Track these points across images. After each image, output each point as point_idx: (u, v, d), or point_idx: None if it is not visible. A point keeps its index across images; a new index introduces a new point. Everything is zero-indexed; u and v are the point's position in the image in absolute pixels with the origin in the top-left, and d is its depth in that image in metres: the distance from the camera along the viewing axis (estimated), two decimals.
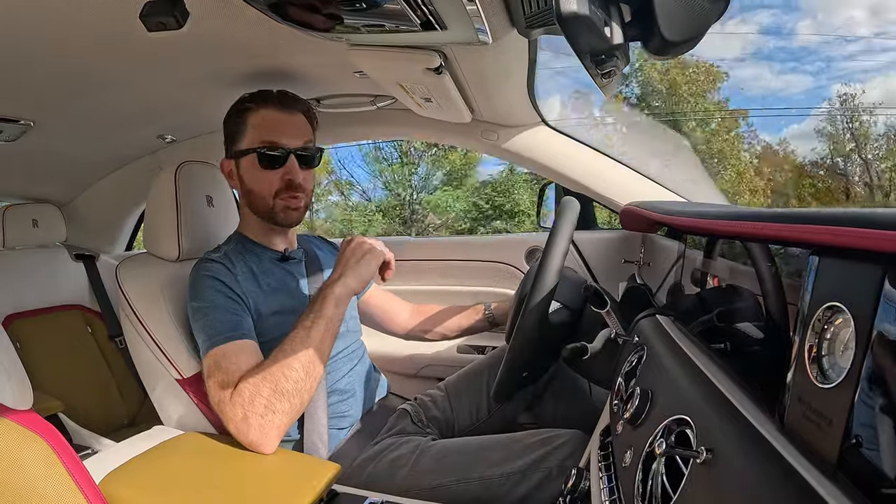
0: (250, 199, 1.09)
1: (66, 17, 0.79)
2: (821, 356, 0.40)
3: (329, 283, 0.99)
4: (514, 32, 0.80)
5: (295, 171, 1.06)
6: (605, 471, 0.67)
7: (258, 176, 1.06)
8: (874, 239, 0.35)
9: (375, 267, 1.03)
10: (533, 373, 1.08)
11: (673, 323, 0.81)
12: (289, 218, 1.09)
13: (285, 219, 1.09)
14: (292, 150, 1.06)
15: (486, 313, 1.33)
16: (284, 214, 1.08)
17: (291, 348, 0.92)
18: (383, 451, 1.03)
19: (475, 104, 1.26)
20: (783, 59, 15.58)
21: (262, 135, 1.05)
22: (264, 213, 1.09)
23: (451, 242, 1.78)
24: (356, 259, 1.01)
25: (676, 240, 1.12)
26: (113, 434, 1.67)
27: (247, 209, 1.12)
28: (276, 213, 1.08)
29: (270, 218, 1.09)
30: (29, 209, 1.83)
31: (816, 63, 15.92)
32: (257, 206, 1.09)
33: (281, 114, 1.06)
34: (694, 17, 0.54)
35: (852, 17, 14.84)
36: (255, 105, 1.06)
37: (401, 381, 1.65)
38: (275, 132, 1.05)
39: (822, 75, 16.14)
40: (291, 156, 1.06)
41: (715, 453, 0.43)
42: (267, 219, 1.10)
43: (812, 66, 15.93)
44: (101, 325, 1.89)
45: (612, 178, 1.41)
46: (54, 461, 0.56)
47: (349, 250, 1.03)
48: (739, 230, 0.59)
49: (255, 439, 0.88)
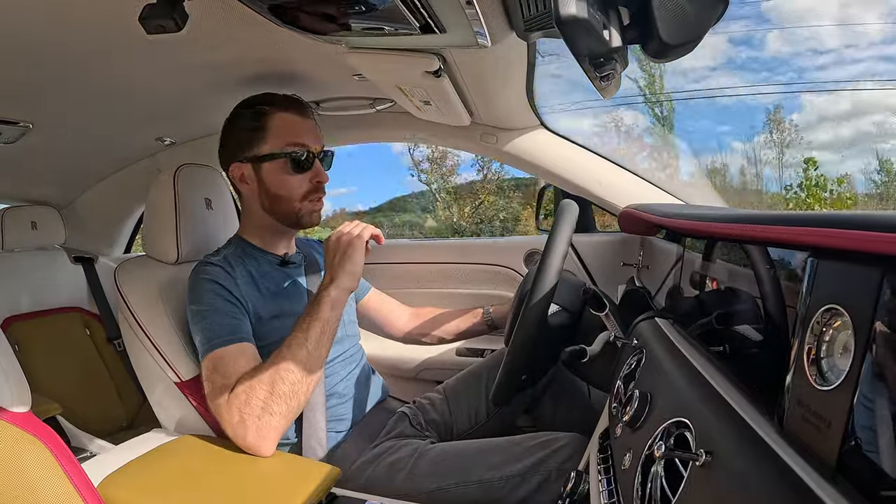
0: (274, 204, 1.08)
1: (65, 20, 0.79)
2: (820, 358, 0.40)
3: (323, 287, 0.99)
4: (513, 35, 0.80)
5: (322, 173, 1.09)
6: (605, 473, 0.67)
7: (286, 180, 1.06)
8: (872, 241, 0.35)
9: (361, 256, 1.02)
10: (532, 376, 1.08)
11: (672, 325, 0.81)
12: (313, 220, 1.11)
13: (310, 220, 1.11)
14: (317, 153, 1.08)
15: (485, 317, 1.33)
16: (310, 217, 1.10)
17: (288, 351, 0.92)
18: (382, 454, 1.03)
19: (474, 107, 1.26)
20: (755, 70, 15.80)
21: (289, 139, 1.05)
22: (289, 216, 1.09)
23: (451, 245, 1.78)
24: (340, 256, 1.01)
25: (675, 242, 1.12)
26: (111, 437, 1.66)
27: (256, 213, 1.11)
28: (302, 215, 1.09)
29: (295, 221, 1.10)
30: (28, 211, 1.82)
31: (788, 74, 16.16)
32: (282, 209, 1.08)
33: (300, 118, 1.07)
34: (692, 20, 0.54)
35: (819, 30, 15.17)
36: (271, 109, 1.05)
37: (400, 385, 1.65)
38: (301, 136, 1.06)
39: (794, 85, 16.38)
40: (317, 159, 1.08)
41: (714, 456, 0.43)
42: (290, 223, 1.10)
43: (784, 77, 16.18)
44: (99, 328, 1.89)
45: (610, 181, 1.41)
46: (52, 464, 0.56)
47: (331, 250, 1.03)
48: (738, 233, 0.59)
49: (252, 442, 0.88)
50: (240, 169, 1.09)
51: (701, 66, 14.16)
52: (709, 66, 14.61)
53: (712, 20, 0.55)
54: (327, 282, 1.00)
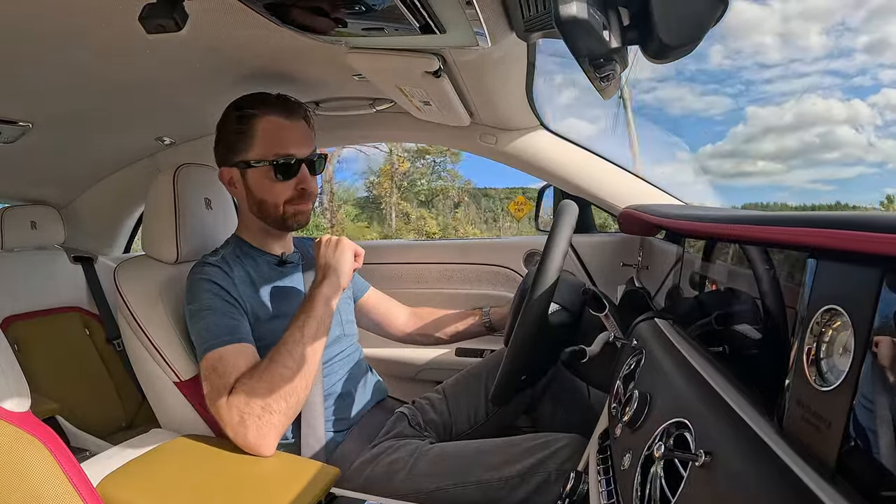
0: (260, 208, 1.09)
1: (64, 19, 0.79)
2: (819, 359, 0.40)
3: (316, 285, 1.02)
4: (513, 36, 0.80)
5: (308, 180, 1.08)
6: (604, 474, 0.67)
7: (271, 186, 1.06)
8: (872, 242, 0.35)
9: (350, 257, 1.08)
10: (532, 376, 1.07)
11: (671, 326, 0.81)
12: (299, 222, 1.11)
13: (296, 223, 1.10)
14: (303, 159, 1.07)
15: (484, 318, 1.33)
16: (295, 219, 1.10)
17: (286, 349, 0.93)
18: (381, 454, 1.03)
19: (474, 108, 1.26)
20: (704, 81, 16.05)
21: (274, 146, 1.04)
22: (274, 220, 1.09)
23: (450, 245, 1.78)
24: (331, 254, 1.05)
25: (675, 243, 1.12)
26: (110, 436, 1.66)
27: (248, 214, 1.12)
28: (286, 218, 1.09)
29: (281, 224, 1.10)
30: (27, 211, 1.82)
31: (737, 86, 16.46)
32: (267, 214, 1.09)
33: (287, 122, 1.06)
34: (692, 21, 0.54)
35: (763, 43, 15.47)
36: (258, 112, 1.05)
37: (399, 385, 1.65)
38: (286, 142, 1.05)
39: (741, 97, 16.61)
40: (303, 165, 1.07)
41: (714, 456, 0.43)
42: (277, 225, 1.10)
43: (732, 89, 16.46)
44: (99, 328, 1.89)
45: (610, 182, 1.41)
46: (52, 463, 0.56)
47: (322, 249, 1.07)
48: (738, 233, 0.59)
49: (252, 441, 0.88)
50: (229, 173, 1.09)
51: (647, 78, 14.30)
52: (656, 79, 14.73)
53: (712, 21, 0.55)
54: (320, 279, 1.03)
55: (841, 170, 18.58)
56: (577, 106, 12.66)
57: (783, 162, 15.11)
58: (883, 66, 18.57)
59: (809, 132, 15.38)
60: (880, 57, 19.37)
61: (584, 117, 13.27)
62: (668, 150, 20.37)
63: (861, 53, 18.64)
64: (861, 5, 17.10)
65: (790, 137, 14.83)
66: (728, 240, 0.71)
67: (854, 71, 18.41)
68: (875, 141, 18.73)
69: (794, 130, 15.48)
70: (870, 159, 20.94)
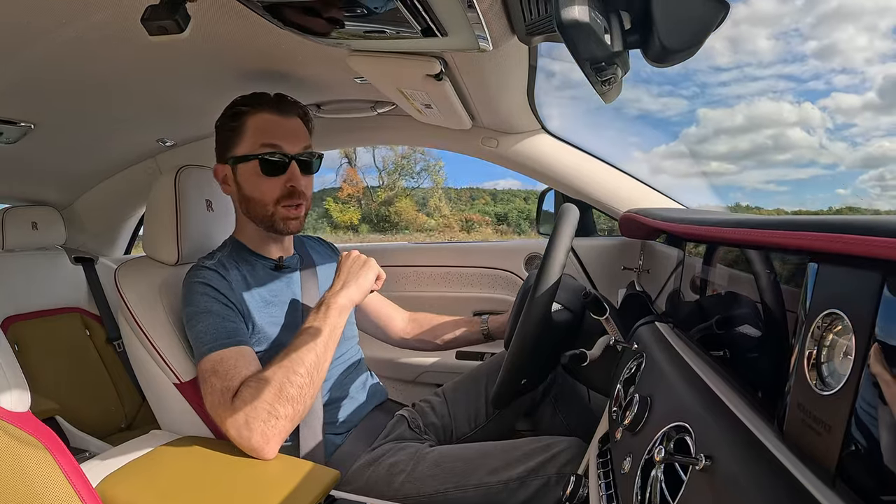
0: (249, 207, 1.07)
1: (67, 21, 0.79)
2: (820, 363, 0.40)
3: (332, 293, 1.01)
4: (515, 39, 0.81)
5: (297, 178, 1.05)
6: (604, 478, 0.67)
7: (259, 183, 1.04)
8: (873, 246, 0.35)
9: (373, 278, 1.08)
10: (532, 379, 1.07)
11: (672, 330, 0.81)
12: (289, 226, 1.07)
13: (285, 227, 1.07)
14: (293, 156, 1.05)
15: (482, 326, 1.32)
16: (284, 223, 1.07)
17: (297, 354, 0.92)
18: (381, 456, 1.02)
19: (475, 111, 1.26)
20: (660, 83, 16.27)
21: (263, 140, 1.03)
22: (263, 220, 1.07)
23: (451, 248, 1.78)
24: (356, 270, 1.05)
25: (676, 247, 1.12)
26: (110, 437, 1.66)
27: (239, 215, 1.11)
28: (275, 220, 1.06)
29: (270, 226, 1.07)
30: (28, 211, 1.83)
31: (692, 88, 16.71)
32: (256, 213, 1.07)
33: (279, 118, 1.04)
34: (693, 25, 0.54)
35: (713, 48, 15.75)
36: (251, 109, 1.04)
37: (399, 388, 1.65)
38: (275, 137, 1.03)
39: (696, 99, 16.83)
40: (293, 162, 1.05)
41: (714, 460, 0.43)
42: (266, 226, 1.08)
43: (688, 91, 16.72)
44: (99, 329, 1.89)
45: (611, 185, 1.42)
46: (51, 464, 0.56)
47: (349, 263, 1.07)
48: (739, 237, 0.59)
49: (257, 445, 0.87)
50: (222, 170, 1.09)
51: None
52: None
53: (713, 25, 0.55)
54: (338, 288, 1.02)
55: (794, 171, 18.66)
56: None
57: (735, 162, 15.32)
58: (834, 71, 18.81)
59: (761, 134, 15.65)
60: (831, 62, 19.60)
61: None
62: (625, 150, 20.73)
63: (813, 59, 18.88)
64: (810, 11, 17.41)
65: (742, 139, 15.09)
66: (729, 244, 0.71)
67: (808, 76, 18.63)
68: (827, 143, 18.91)
69: (745, 132, 15.74)
70: (822, 161, 21.13)
